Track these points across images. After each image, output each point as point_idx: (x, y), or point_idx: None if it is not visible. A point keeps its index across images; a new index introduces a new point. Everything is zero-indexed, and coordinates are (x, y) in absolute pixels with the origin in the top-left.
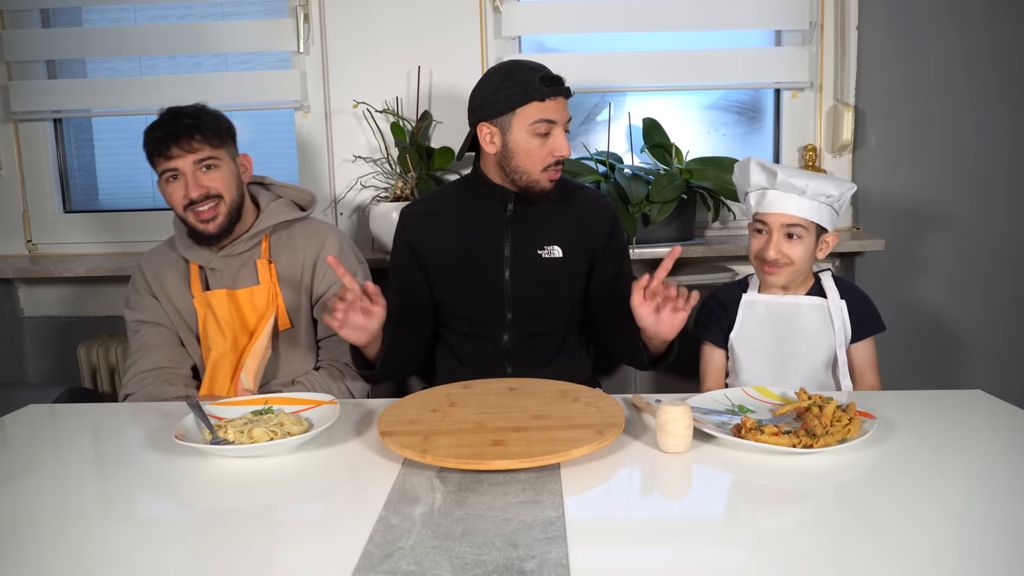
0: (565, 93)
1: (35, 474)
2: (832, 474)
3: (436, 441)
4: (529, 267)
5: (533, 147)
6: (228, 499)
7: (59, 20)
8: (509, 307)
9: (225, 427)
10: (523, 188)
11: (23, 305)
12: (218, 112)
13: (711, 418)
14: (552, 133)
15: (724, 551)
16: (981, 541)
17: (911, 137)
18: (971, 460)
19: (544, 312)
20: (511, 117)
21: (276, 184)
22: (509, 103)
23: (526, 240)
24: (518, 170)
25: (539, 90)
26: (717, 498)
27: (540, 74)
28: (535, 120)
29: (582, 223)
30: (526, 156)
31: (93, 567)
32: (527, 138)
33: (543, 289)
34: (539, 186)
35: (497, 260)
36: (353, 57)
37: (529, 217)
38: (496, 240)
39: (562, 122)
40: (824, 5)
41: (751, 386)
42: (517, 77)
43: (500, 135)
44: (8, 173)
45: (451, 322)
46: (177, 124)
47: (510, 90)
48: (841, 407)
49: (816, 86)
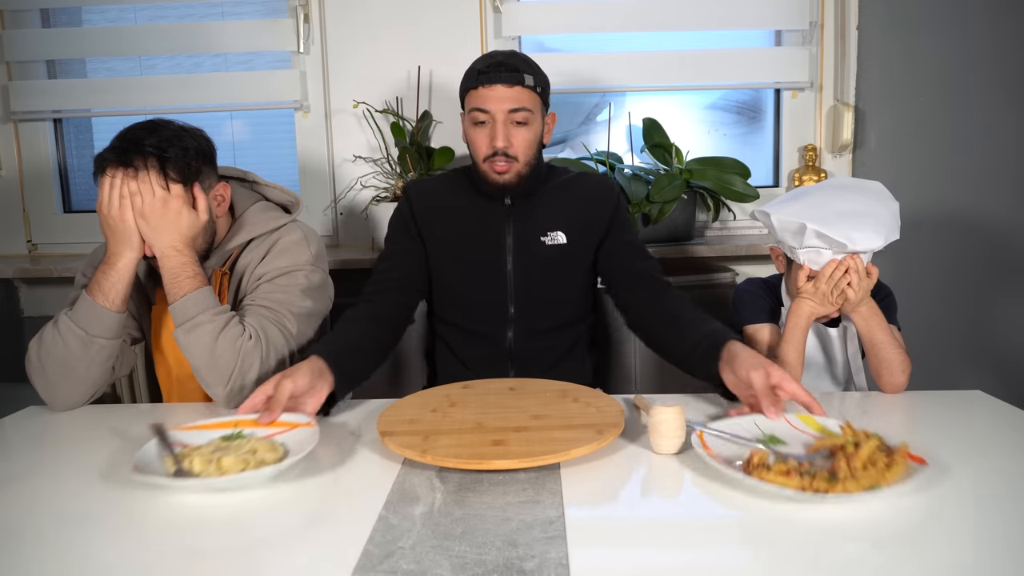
0: (505, 80)
1: (35, 475)
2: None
3: (436, 441)
4: (533, 254)
5: (474, 137)
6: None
7: (59, 20)
8: (512, 300)
9: (191, 456)
10: (481, 181)
11: (23, 305)
12: (187, 143)
13: (731, 446)
14: (488, 123)
15: (724, 551)
16: (981, 542)
17: (911, 137)
18: (971, 460)
19: (550, 302)
20: (465, 106)
21: (260, 183)
22: (460, 92)
23: (529, 228)
24: (473, 163)
25: (475, 78)
26: (716, 498)
27: (486, 62)
28: (470, 108)
29: (584, 207)
30: (472, 147)
31: (93, 570)
32: (469, 127)
33: (548, 277)
34: (488, 178)
35: (499, 249)
36: (353, 57)
37: (530, 206)
38: (497, 229)
39: (500, 112)
40: (824, 5)
41: (794, 413)
42: (471, 66)
43: (464, 125)
44: (8, 173)
45: (451, 316)
46: (130, 157)
47: (463, 79)
48: (885, 448)
49: (816, 86)
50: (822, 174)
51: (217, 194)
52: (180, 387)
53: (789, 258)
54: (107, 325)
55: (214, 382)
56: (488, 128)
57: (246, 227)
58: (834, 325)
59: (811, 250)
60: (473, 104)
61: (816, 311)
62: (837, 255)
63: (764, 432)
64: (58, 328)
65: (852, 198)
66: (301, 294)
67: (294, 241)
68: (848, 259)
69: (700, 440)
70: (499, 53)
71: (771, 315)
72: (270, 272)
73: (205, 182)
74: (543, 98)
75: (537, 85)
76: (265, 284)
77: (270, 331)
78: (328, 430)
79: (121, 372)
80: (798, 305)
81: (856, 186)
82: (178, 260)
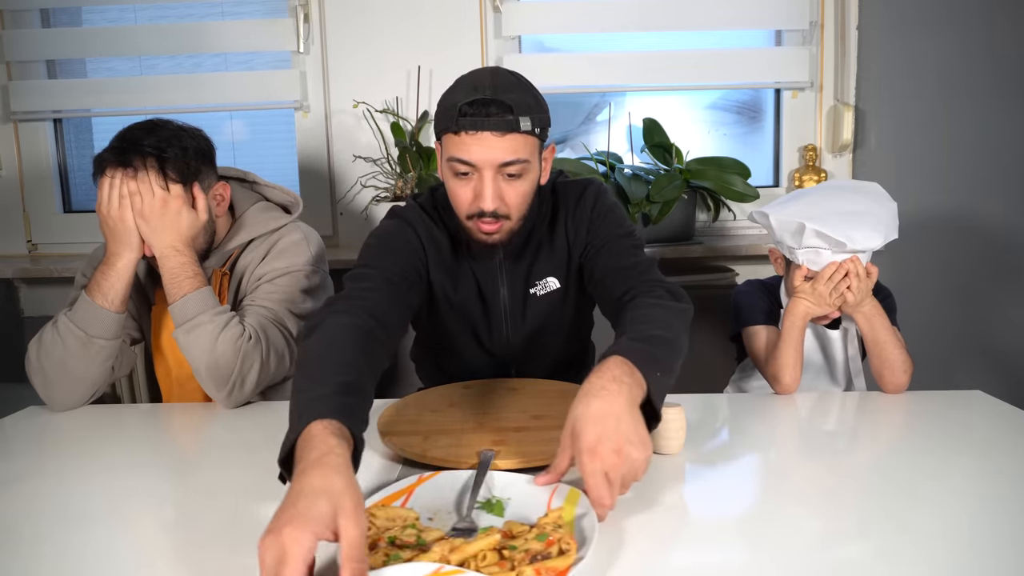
0: (496, 127)
1: (35, 476)
2: (830, 474)
3: (436, 441)
4: (527, 312)
5: (455, 189)
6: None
7: (59, 20)
8: (513, 362)
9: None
10: (466, 235)
11: (23, 305)
12: (186, 143)
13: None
14: (473, 175)
15: (724, 551)
16: (981, 542)
17: (911, 137)
18: (971, 461)
19: (551, 343)
20: (442, 145)
21: (260, 183)
22: (436, 127)
23: (520, 281)
24: (453, 210)
25: (455, 119)
26: (716, 498)
27: (470, 96)
28: (450, 157)
29: (566, 235)
30: (452, 198)
31: (94, 571)
32: (448, 176)
33: (547, 325)
34: (473, 236)
35: (497, 313)
36: (353, 57)
37: (521, 253)
38: (491, 290)
39: (488, 167)
40: (824, 5)
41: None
42: (451, 94)
43: (440, 162)
44: (8, 173)
45: (447, 364)
46: (129, 158)
47: (440, 109)
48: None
49: (816, 86)
50: (822, 174)
51: (216, 193)
52: (180, 388)
53: (788, 259)
54: (106, 325)
55: (214, 383)
56: (472, 183)
57: (246, 227)
58: (835, 327)
59: (810, 250)
60: (453, 152)
61: (812, 311)
62: (836, 255)
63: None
64: (57, 329)
65: (851, 198)
66: (301, 294)
67: (294, 242)
68: (848, 262)
69: None
70: (485, 81)
71: (770, 316)
72: (270, 272)
73: (204, 182)
74: (542, 138)
75: (536, 127)
76: (265, 284)
77: (270, 331)
78: None
79: (121, 372)
80: (794, 305)
81: (854, 187)
82: (178, 260)
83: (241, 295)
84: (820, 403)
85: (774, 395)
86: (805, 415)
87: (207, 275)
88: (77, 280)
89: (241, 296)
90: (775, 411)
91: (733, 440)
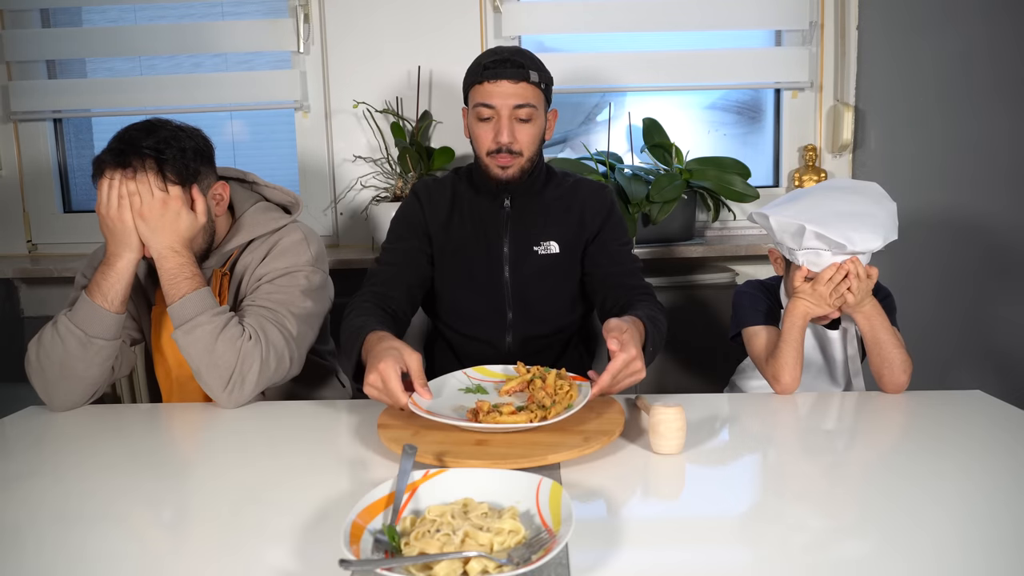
0: (511, 76)
1: (35, 476)
2: (829, 474)
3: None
4: (528, 264)
5: (478, 132)
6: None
7: (59, 20)
8: (510, 306)
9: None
10: (484, 177)
11: (23, 305)
12: (185, 144)
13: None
14: (493, 118)
15: (724, 551)
16: (981, 541)
17: (911, 137)
18: (970, 460)
19: (545, 311)
20: (468, 101)
21: (260, 183)
22: (464, 86)
23: (524, 237)
24: (476, 156)
25: (481, 73)
26: (716, 498)
27: (491, 58)
28: (475, 104)
29: (578, 216)
30: (476, 141)
31: (94, 571)
32: (474, 122)
33: (543, 285)
34: (490, 172)
35: (497, 258)
36: (353, 57)
37: (528, 212)
38: (495, 237)
39: (505, 107)
40: (824, 5)
41: (472, 368)
42: (477, 60)
43: (466, 120)
44: (8, 173)
45: (451, 320)
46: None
47: (467, 73)
48: (560, 376)
49: (816, 86)
50: (822, 174)
51: (215, 193)
52: (180, 388)
53: (787, 260)
54: (106, 326)
55: (214, 383)
56: (492, 124)
57: (246, 228)
58: (834, 327)
59: (810, 251)
60: (478, 99)
61: (812, 311)
62: (836, 256)
63: (472, 384)
64: (57, 329)
65: (850, 199)
66: (301, 295)
67: (294, 242)
68: (848, 263)
69: (415, 406)
70: (504, 49)
71: (770, 317)
72: (270, 273)
73: (203, 182)
74: (546, 94)
75: (541, 81)
76: (265, 285)
77: (270, 331)
78: (329, 423)
79: (121, 373)
80: (794, 305)
81: (854, 187)
82: (176, 261)
83: (241, 295)
84: (820, 403)
85: (774, 395)
86: (805, 415)
87: (207, 275)
88: (77, 280)
89: (241, 296)
90: (775, 411)
91: (733, 440)
